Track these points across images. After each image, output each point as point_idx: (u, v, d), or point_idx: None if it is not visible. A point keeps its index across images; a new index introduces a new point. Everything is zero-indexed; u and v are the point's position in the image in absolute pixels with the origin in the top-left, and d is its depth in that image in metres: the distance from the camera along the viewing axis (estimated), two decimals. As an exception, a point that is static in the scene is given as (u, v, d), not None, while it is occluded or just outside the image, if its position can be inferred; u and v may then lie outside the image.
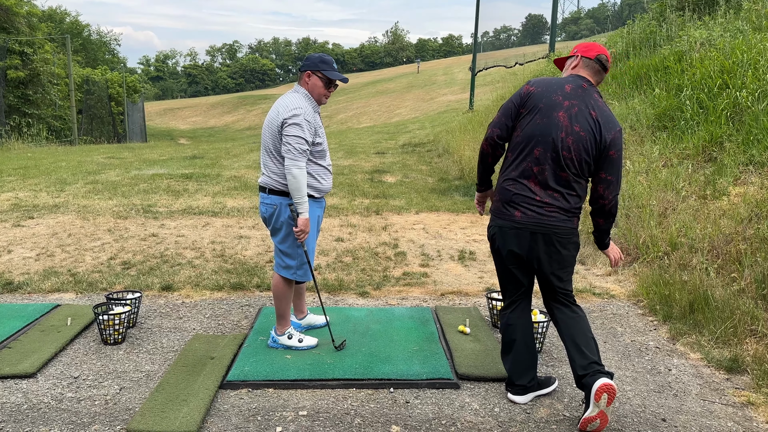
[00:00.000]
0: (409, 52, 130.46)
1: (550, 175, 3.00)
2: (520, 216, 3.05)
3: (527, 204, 3.03)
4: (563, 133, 2.96)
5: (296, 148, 3.48)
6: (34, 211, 7.98)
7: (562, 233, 3.04)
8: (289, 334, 3.88)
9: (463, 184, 10.33)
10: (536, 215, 3.02)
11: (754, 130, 5.60)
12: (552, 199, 3.01)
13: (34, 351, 3.77)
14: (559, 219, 3.03)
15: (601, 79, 3.16)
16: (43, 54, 29.32)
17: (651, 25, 10.29)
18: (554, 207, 3.01)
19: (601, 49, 3.13)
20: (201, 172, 11.74)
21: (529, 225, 3.04)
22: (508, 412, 3.19)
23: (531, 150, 3.01)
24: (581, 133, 2.96)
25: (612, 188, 3.03)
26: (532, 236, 3.05)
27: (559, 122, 2.97)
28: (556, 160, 2.98)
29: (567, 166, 2.97)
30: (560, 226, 3.03)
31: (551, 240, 3.04)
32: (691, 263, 4.79)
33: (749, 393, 3.39)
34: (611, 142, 2.98)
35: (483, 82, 23.79)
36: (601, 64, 3.11)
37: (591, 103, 3.01)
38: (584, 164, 3.00)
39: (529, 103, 3.04)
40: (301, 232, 3.57)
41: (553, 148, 2.97)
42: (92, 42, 56.45)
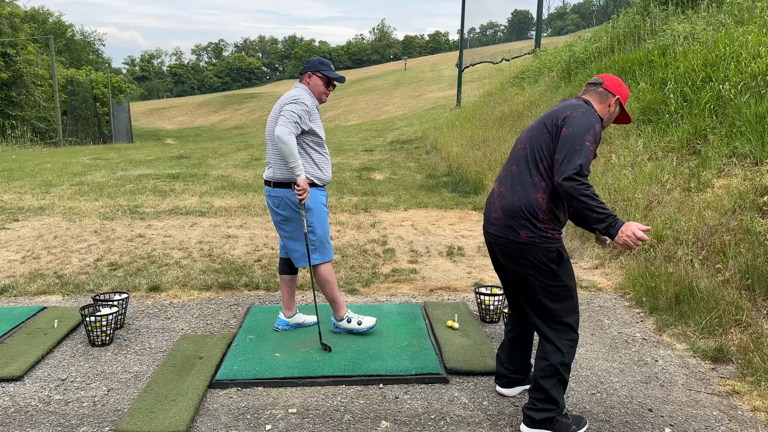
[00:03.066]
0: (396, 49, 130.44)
1: (504, 173, 2.98)
2: (484, 224, 3.06)
3: (488, 207, 3.01)
4: (524, 135, 2.98)
5: (288, 118, 3.63)
6: (19, 213, 7.91)
7: (505, 244, 2.86)
8: (348, 318, 4.05)
9: (451, 180, 10.35)
10: (487, 221, 2.99)
11: (737, 123, 5.65)
12: (500, 198, 2.89)
13: (21, 354, 3.74)
14: (500, 228, 2.86)
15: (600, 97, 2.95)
16: (26, 55, 29.03)
17: (635, 19, 10.35)
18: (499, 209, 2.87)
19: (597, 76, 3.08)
20: (188, 172, 11.68)
21: (485, 232, 3.02)
22: (497, 406, 3.21)
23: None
24: (533, 124, 2.95)
25: (558, 167, 2.68)
26: (488, 245, 3.05)
27: (522, 137, 3.01)
28: (511, 157, 2.99)
29: (518, 159, 2.90)
30: (501, 235, 2.87)
31: (499, 251, 2.94)
32: (677, 255, 4.83)
33: (734, 382, 3.43)
34: (564, 120, 2.77)
35: (470, 79, 23.82)
36: (589, 84, 3.02)
37: (561, 102, 2.96)
38: (538, 151, 2.81)
39: None
40: (302, 190, 3.66)
41: (513, 150, 3.00)
42: (76, 42, 55.91)
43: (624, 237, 2.63)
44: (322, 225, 3.87)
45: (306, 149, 3.77)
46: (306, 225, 3.81)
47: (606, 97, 2.95)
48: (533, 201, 2.77)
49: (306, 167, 3.76)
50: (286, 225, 3.87)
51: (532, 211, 2.77)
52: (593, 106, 2.91)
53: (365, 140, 18.10)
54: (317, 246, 3.87)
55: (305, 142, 3.76)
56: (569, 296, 2.87)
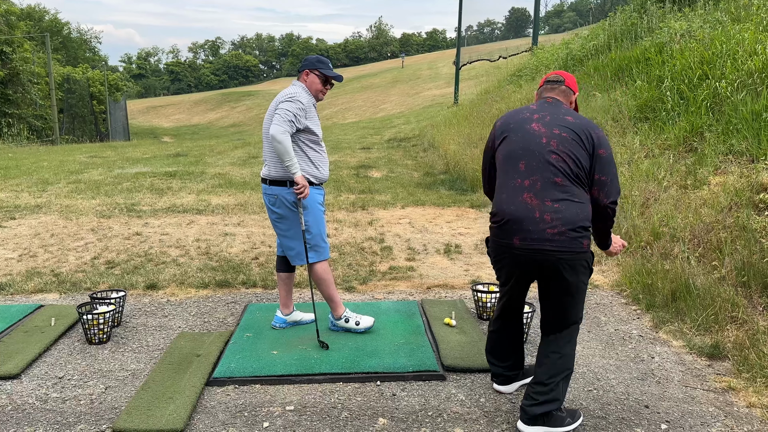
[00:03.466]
0: (393, 46, 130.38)
1: (544, 184, 2.76)
2: (518, 242, 2.79)
3: (527, 224, 2.76)
4: (544, 139, 2.80)
5: (282, 117, 3.63)
6: (16, 211, 7.90)
7: (569, 258, 2.76)
8: (345, 318, 4.05)
9: (448, 178, 10.36)
10: (537, 239, 2.74)
11: (733, 120, 5.67)
12: (553, 213, 2.73)
13: (18, 352, 3.74)
14: (564, 243, 2.73)
15: (566, 96, 3.04)
16: (22, 53, 28.96)
17: (632, 17, 10.37)
18: (559, 224, 2.72)
19: (551, 72, 3.14)
20: (185, 169, 11.66)
21: (529, 250, 2.77)
22: (493, 403, 3.22)
23: (516, 166, 2.83)
24: (563, 134, 2.80)
25: (606, 189, 2.78)
26: (535, 263, 2.79)
27: (534, 131, 2.84)
28: (547, 167, 2.77)
29: (560, 170, 2.76)
30: (567, 250, 2.75)
31: (559, 266, 2.77)
32: (673, 252, 4.85)
33: (730, 378, 3.44)
34: (598, 140, 2.80)
35: (467, 76, 23.83)
36: (552, 82, 3.05)
37: (563, 111, 2.92)
38: (578, 162, 2.77)
39: (499, 135, 2.96)
40: (301, 187, 3.67)
41: (537, 155, 2.79)
42: (72, 40, 55.81)
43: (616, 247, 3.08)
44: (317, 224, 3.87)
45: (302, 147, 3.77)
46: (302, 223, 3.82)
47: (569, 95, 3.07)
48: (588, 213, 2.82)
49: (302, 165, 3.76)
50: (281, 223, 3.88)
51: (588, 222, 2.82)
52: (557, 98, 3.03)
53: (362, 138, 18.10)
54: (312, 245, 3.87)
55: (301, 140, 3.76)
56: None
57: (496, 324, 3.24)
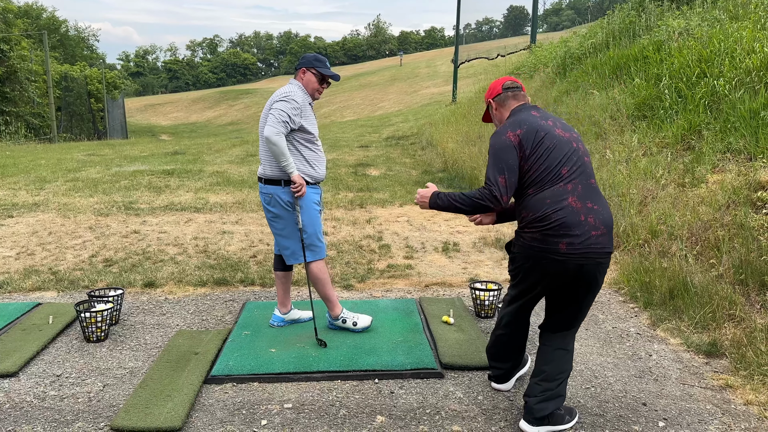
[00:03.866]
0: (391, 44, 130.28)
1: (584, 187, 2.79)
2: (565, 248, 2.73)
3: (573, 229, 2.72)
4: (574, 143, 2.86)
5: (276, 117, 3.63)
6: (14, 209, 7.88)
7: (606, 260, 2.80)
8: (343, 318, 4.04)
9: (446, 176, 10.36)
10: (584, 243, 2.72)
11: (731, 118, 5.67)
12: (595, 215, 2.74)
13: (16, 350, 3.73)
14: (606, 243, 2.76)
15: (525, 98, 3.09)
16: (19, 50, 28.88)
17: (630, 15, 10.36)
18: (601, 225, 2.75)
19: (500, 81, 3.13)
20: (183, 167, 11.65)
21: (575, 255, 2.73)
22: (491, 400, 3.23)
23: (558, 171, 2.79)
24: (579, 137, 2.95)
25: None
26: (577, 268, 2.75)
27: (563, 137, 2.86)
28: (582, 168, 2.83)
29: (592, 173, 2.87)
30: (608, 251, 2.78)
31: (597, 270, 2.78)
32: (671, 250, 4.85)
33: (727, 376, 3.45)
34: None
35: (465, 75, 23.83)
36: (511, 89, 3.07)
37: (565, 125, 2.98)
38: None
39: (530, 143, 2.82)
40: (298, 186, 3.70)
41: (575, 160, 2.82)
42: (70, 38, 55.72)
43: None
44: (312, 223, 3.86)
45: (297, 147, 3.76)
46: (295, 222, 3.82)
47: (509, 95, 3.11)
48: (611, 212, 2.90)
49: (298, 165, 3.76)
50: (276, 222, 3.88)
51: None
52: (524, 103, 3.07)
53: (361, 136, 18.09)
54: (308, 244, 3.86)
55: (296, 139, 3.75)
56: None
57: (506, 329, 3.16)
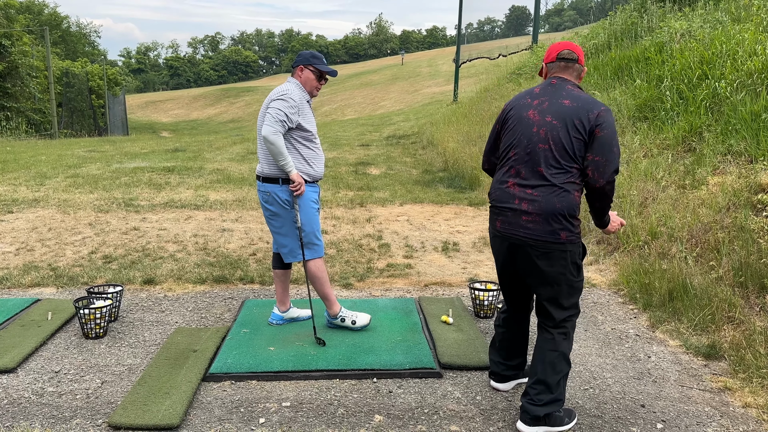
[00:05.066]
0: (393, 43, 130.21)
1: (528, 172, 2.83)
2: (500, 225, 2.93)
3: (507, 210, 2.88)
4: (535, 128, 2.83)
5: (274, 116, 3.63)
6: (14, 205, 7.88)
7: (542, 246, 2.80)
8: (341, 317, 4.04)
9: (447, 175, 10.35)
10: (513, 224, 2.86)
11: (732, 121, 5.67)
12: (531, 202, 2.79)
13: (15, 346, 3.73)
14: (537, 231, 2.79)
15: (577, 73, 2.96)
16: (21, 46, 28.89)
17: (632, 16, 10.36)
18: (533, 213, 2.79)
19: (562, 46, 2.99)
20: (183, 165, 11.64)
21: (506, 235, 2.90)
22: (490, 401, 3.22)
23: (508, 154, 2.92)
24: (554, 122, 2.79)
25: (601, 169, 2.74)
26: (511, 248, 2.91)
27: (529, 120, 2.86)
28: (531, 155, 2.82)
29: (545, 159, 2.78)
30: (540, 239, 2.80)
31: (532, 253, 2.84)
32: (671, 252, 4.85)
33: (726, 378, 3.45)
34: (596, 120, 2.75)
35: (467, 74, 23.81)
36: (565, 59, 2.95)
37: (563, 94, 2.85)
38: (565, 152, 2.76)
39: (504, 120, 3.03)
40: (297, 185, 3.70)
41: (526, 144, 2.84)
42: (71, 34, 55.72)
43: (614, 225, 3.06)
44: (310, 222, 3.85)
45: (294, 145, 3.75)
46: (294, 221, 3.81)
47: (580, 72, 3.00)
48: (573, 202, 2.78)
49: (295, 163, 3.75)
50: (274, 220, 3.88)
51: (572, 212, 2.79)
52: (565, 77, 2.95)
53: (361, 135, 18.08)
54: (305, 242, 3.86)
55: (293, 137, 3.74)
56: (581, 288, 3.00)
57: (502, 324, 3.25)
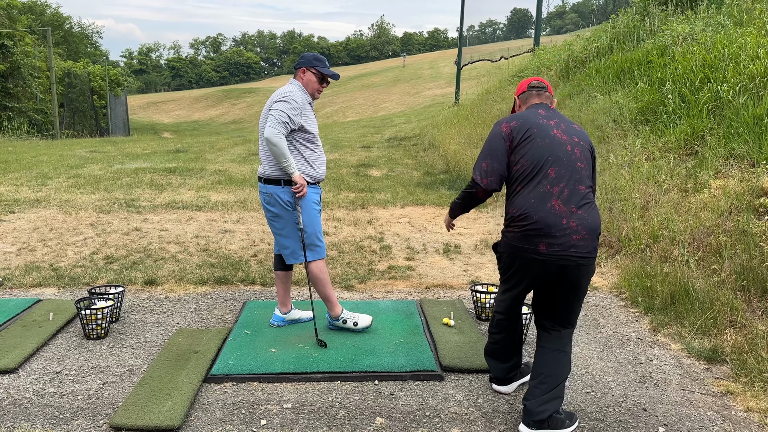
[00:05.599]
0: (394, 45, 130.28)
1: (572, 191, 2.84)
2: (545, 249, 2.82)
3: (554, 233, 2.80)
4: (569, 147, 2.91)
5: (276, 118, 3.63)
6: (15, 205, 7.89)
7: (588, 263, 2.85)
8: (343, 319, 4.04)
9: (448, 177, 10.35)
10: (564, 247, 2.80)
11: (734, 124, 5.67)
12: (578, 220, 2.81)
13: (16, 346, 3.73)
14: (587, 248, 2.83)
15: (550, 101, 3.16)
16: (23, 46, 28.94)
17: (634, 19, 10.36)
18: (583, 231, 2.81)
19: (530, 79, 3.21)
20: (185, 166, 11.65)
21: (555, 258, 2.81)
22: (491, 403, 3.22)
23: (545, 172, 2.86)
24: (581, 142, 2.96)
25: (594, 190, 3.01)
26: (559, 269, 2.84)
27: (560, 139, 2.92)
28: (573, 175, 2.87)
29: (583, 178, 2.88)
30: (589, 256, 2.84)
31: (578, 272, 2.85)
32: (673, 255, 4.84)
33: (728, 382, 3.44)
34: (592, 147, 3.05)
35: (468, 76, 23.82)
36: (536, 87, 3.15)
37: (567, 119, 3.07)
38: (591, 170, 2.96)
39: (519, 136, 2.93)
40: (299, 186, 3.70)
41: (567, 163, 2.88)
42: (74, 34, 55.82)
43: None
44: (312, 223, 3.86)
45: (296, 146, 3.76)
46: (295, 222, 3.82)
47: (552, 100, 3.20)
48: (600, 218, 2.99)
49: (297, 165, 3.75)
50: (276, 221, 3.88)
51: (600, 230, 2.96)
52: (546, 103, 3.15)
53: (363, 137, 18.08)
54: (307, 244, 3.86)
55: (295, 139, 3.74)
56: None
57: (499, 326, 3.23)
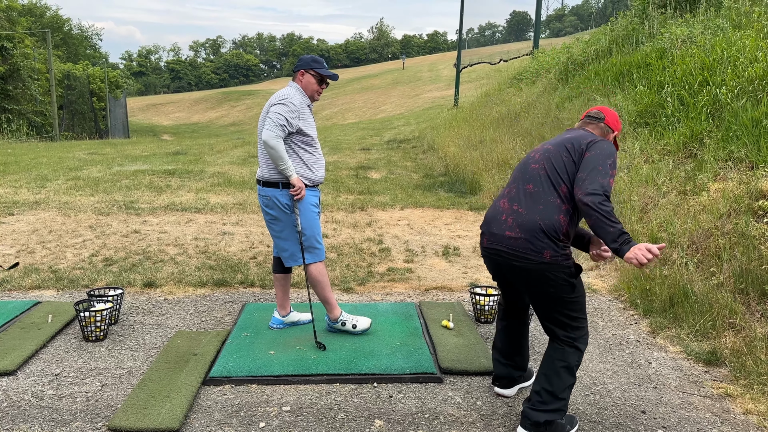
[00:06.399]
0: (394, 48, 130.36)
1: (518, 190, 2.93)
2: (485, 242, 2.98)
3: (492, 227, 2.94)
4: (533, 154, 3.02)
5: (274, 121, 3.63)
6: (14, 207, 7.88)
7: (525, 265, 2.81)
8: (342, 321, 4.04)
9: (447, 180, 10.36)
10: (496, 242, 2.90)
11: (733, 127, 5.67)
12: (515, 217, 2.84)
13: (15, 348, 3.73)
14: (518, 248, 2.81)
15: (603, 131, 3.06)
16: (23, 48, 28.93)
17: (633, 22, 10.37)
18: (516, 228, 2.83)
19: (592, 109, 3.16)
20: (184, 168, 11.65)
21: (491, 251, 2.94)
22: (490, 406, 3.22)
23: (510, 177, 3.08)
24: (550, 147, 2.96)
25: (582, 184, 2.72)
26: (496, 264, 2.98)
27: (533, 152, 3.06)
28: (523, 175, 2.96)
29: (534, 178, 2.90)
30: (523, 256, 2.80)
31: (518, 273, 2.87)
32: (672, 258, 4.85)
33: (727, 385, 3.45)
34: (588, 145, 2.87)
35: (468, 79, 23.85)
36: (591, 117, 3.11)
37: (571, 134, 3.00)
38: (557, 170, 2.85)
39: None
40: (297, 189, 3.70)
41: (522, 167, 3.01)
42: (73, 36, 55.83)
43: (635, 252, 2.58)
44: (311, 225, 3.86)
45: (294, 149, 3.76)
46: (294, 225, 3.82)
47: (607, 133, 3.07)
48: (555, 222, 2.77)
49: (295, 168, 3.76)
50: (275, 224, 3.88)
51: (554, 232, 2.76)
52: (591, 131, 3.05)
53: (362, 139, 18.09)
54: (306, 246, 3.87)
55: (293, 142, 3.75)
56: (584, 301, 2.94)
57: (501, 322, 3.29)
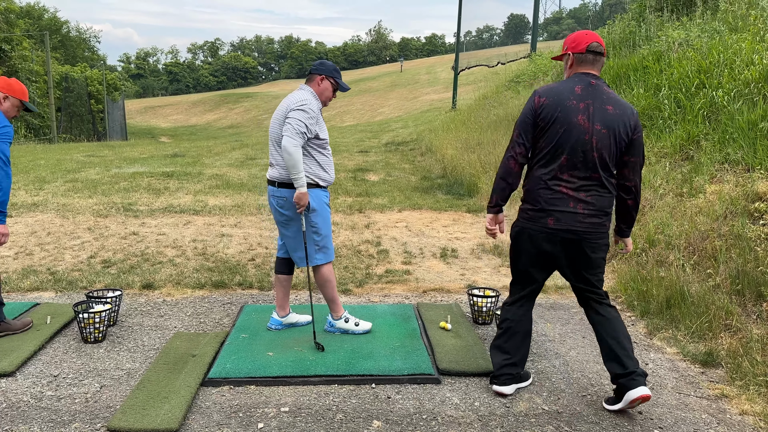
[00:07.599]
0: (392, 50, 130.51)
1: (581, 178, 3.05)
2: (552, 223, 3.10)
3: (561, 210, 3.08)
4: (587, 135, 3.01)
5: (295, 128, 3.62)
6: (13, 209, 7.88)
7: (593, 238, 3.10)
8: (345, 318, 4.08)
9: (445, 182, 10.38)
10: (569, 222, 3.08)
11: (729, 129, 5.70)
12: (585, 205, 3.06)
13: (14, 349, 3.73)
14: (592, 224, 3.08)
15: (601, 66, 3.15)
16: (21, 51, 28.92)
17: (630, 25, 10.41)
18: (588, 212, 3.07)
19: (590, 38, 3.10)
20: (182, 170, 11.65)
21: (560, 232, 3.10)
22: (488, 407, 3.23)
23: (558, 158, 3.05)
24: (603, 131, 3.00)
25: (636, 169, 3.10)
26: (563, 242, 3.12)
27: (579, 126, 3.01)
28: (584, 162, 3.03)
29: (597, 166, 3.03)
30: (592, 231, 3.09)
31: (582, 245, 3.11)
32: (668, 260, 4.87)
33: (723, 386, 3.46)
34: (635, 127, 3.06)
35: (466, 81, 23.90)
36: (594, 52, 3.08)
37: (604, 99, 3.04)
38: (613, 159, 3.06)
39: (545, 115, 3.05)
40: (299, 199, 3.69)
41: (581, 152, 3.02)
42: (71, 39, 55.78)
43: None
44: (326, 225, 3.89)
45: (310, 152, 3.77)
46: (310, 225, 3.82)
47: (602, 65, 3.18)
48: (612, 202, 3.17)
49: (312, 169, 3.77)
50: (289, 225, 3.87)
51: (611, 210, 3.18)
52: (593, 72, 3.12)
53: (360, 141, 18.11)
54: (322, 246, 3.87)
55: (309, 145, 3.76)
56: None
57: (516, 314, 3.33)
